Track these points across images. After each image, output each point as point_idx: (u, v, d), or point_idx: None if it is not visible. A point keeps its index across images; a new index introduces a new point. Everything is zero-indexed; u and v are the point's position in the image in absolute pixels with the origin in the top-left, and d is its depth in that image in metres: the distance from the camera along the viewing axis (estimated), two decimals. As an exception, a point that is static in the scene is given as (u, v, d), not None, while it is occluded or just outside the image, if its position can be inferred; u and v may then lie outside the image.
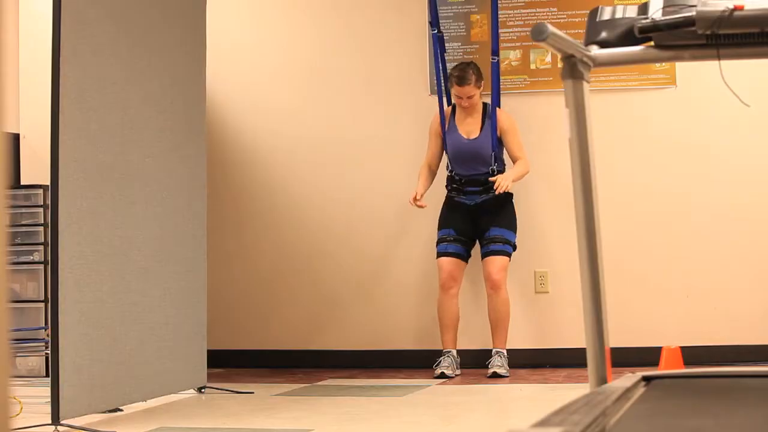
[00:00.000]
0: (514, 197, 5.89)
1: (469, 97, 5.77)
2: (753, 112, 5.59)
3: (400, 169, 6.25)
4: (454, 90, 5.79)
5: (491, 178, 5.73)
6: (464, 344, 5.97)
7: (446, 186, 5.94)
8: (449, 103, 5.99)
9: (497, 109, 5.88)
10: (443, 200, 5.93)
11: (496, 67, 5.91)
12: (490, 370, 5.68)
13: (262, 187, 6.45)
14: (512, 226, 5.86)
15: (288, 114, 6.43)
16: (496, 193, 5.63)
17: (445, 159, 5.95)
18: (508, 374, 5.69)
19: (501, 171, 5.81)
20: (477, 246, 5.92)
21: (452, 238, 5.85)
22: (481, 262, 5.85)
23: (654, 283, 6.04)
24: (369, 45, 6.35)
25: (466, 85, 5.73)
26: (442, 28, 6.11)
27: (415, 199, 5.75)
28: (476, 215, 5.85)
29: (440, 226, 5.91)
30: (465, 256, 5.87)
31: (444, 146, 5.92)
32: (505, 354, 5.78)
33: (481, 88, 5.82)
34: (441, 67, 6.01)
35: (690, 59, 2.64)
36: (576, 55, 2.53)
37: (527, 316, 6.13)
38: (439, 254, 5.86)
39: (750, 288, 5.95)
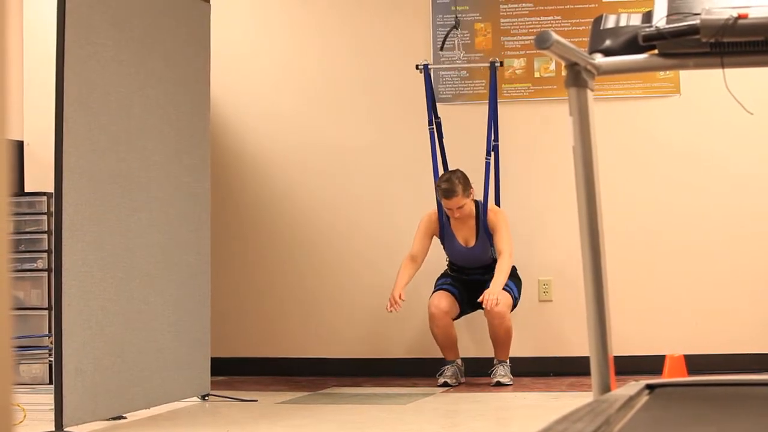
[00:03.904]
0: (518, 269, 5.81)
1: (459, 208, 5.60)
2: (757, 120, 5.59)
3: (403, 176, 6.25)
4: (443, 203, 5.62)
5: (479, 299, 5.50)
6: (468, 353, 5.96)
7: (447, 266, 5.89)
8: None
9: (489, 208, 5.72)
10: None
11: (488, 168, 5.78)
12: (494, 379, 5.67)
13: (266, 195, 6.45)
14: (516, 283, 5.78)
15: (291, 121, 6.43)
16: (489, 309, 5.49)
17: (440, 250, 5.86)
18: (511, 383, 5.68)
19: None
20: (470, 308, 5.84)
21: (449, 282, 5.78)
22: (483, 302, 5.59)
23: (658, 292, 6.03)
24: (372, 53, 6.35)
25: (453, 197, 5.54)
26: (445, 34, 6.11)
27: (398, 299, 5.54)
28: (478, 285, 5.72)
29: (436, 284, 5.81)
30: (458, 298, 5.72)
31: (439, 241, 5.81)
32: (508, 363, 5.77)
33: (471, 195, 5.63)
34: (442, 158, 5.91)
35: (694, 67, 2.64)
36: (580, 63, 2.52)
37: (531, 324, 6.12)
38: (433, 292, 5.76)
39: (754, 297, 5.93)
